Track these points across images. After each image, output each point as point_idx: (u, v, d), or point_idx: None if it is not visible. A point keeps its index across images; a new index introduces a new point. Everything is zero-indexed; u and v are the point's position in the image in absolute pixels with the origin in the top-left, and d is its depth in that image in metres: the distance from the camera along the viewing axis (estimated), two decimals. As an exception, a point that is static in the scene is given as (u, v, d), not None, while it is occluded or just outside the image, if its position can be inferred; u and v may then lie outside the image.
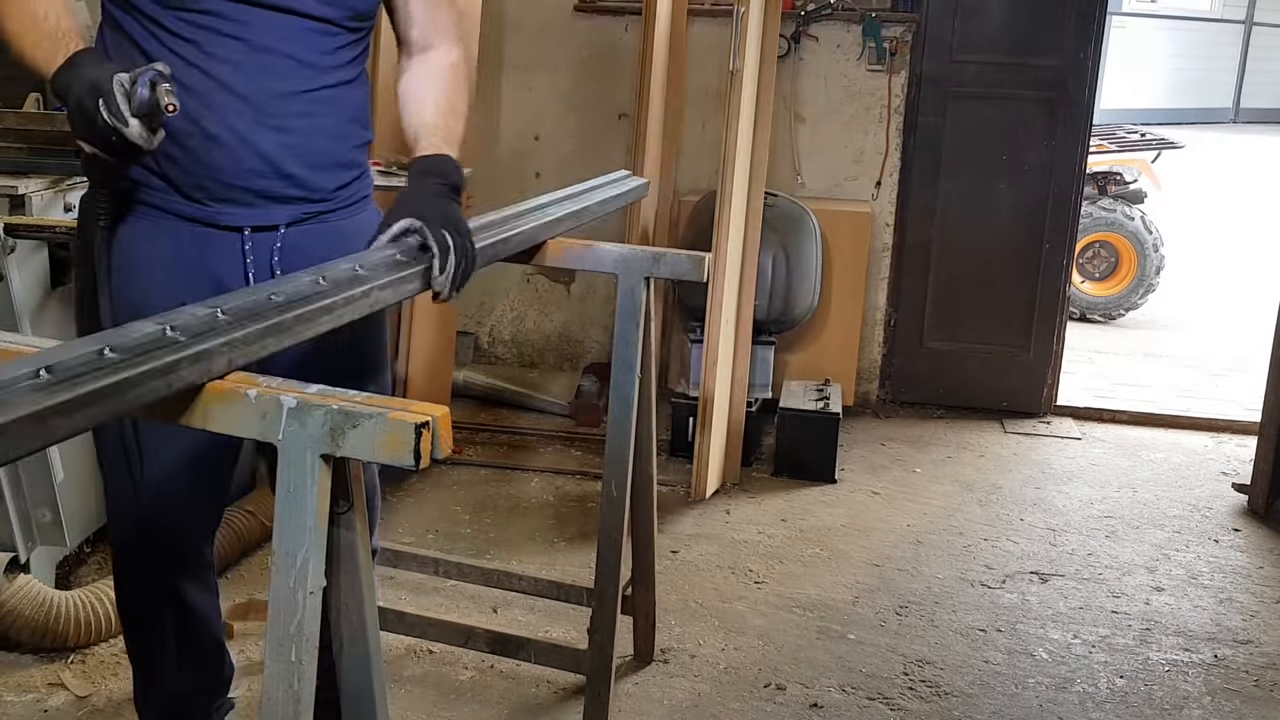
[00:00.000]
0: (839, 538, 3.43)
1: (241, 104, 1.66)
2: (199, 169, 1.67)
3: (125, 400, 1.12)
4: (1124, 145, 6.76)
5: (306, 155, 1.73)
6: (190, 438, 1.61)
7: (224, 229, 1.72)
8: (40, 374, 1.04)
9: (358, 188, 1.85)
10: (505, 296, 4.76)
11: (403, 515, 3.43)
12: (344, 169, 1.80)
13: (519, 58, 4.51)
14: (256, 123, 1.67)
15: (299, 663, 1.25)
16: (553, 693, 2.58)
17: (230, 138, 1.66)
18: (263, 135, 1.68)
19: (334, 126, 1.77)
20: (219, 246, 1.72)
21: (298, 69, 1.70)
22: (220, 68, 1.65)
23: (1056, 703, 2.63)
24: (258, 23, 1.65)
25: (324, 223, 1.79)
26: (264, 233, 1.74)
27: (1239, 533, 3.61)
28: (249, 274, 1.74)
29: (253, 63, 1.66)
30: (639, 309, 2.27)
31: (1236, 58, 17.63)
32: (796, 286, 4.03)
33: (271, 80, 1.68)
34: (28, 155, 2.77)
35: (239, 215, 1.72)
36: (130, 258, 1.71)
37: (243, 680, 2.43)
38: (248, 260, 1.73)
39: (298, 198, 1.74)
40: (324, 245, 1.75)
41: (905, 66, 4.39)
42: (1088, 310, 6.41)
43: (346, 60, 1.77)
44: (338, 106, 1.76)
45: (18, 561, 2.56)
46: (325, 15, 1.70)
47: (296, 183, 1.73)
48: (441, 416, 1.20)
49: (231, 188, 1.69)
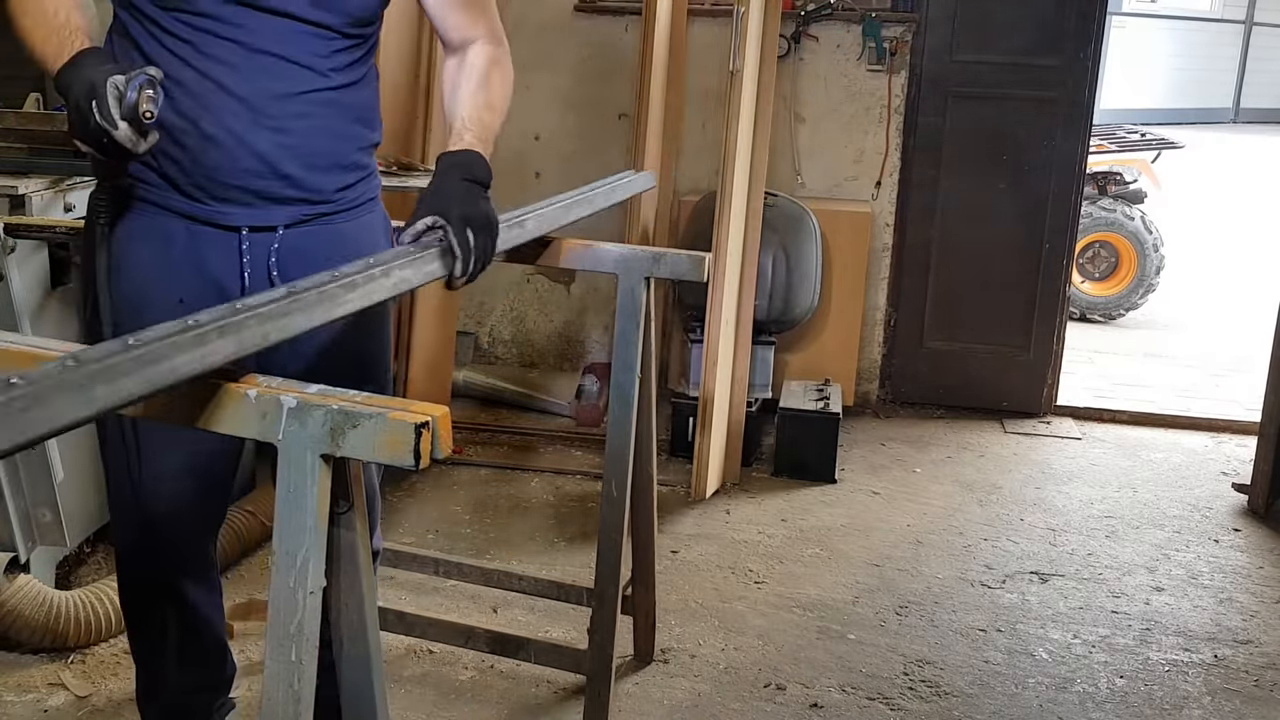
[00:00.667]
0: (839, 538, 3.43)
1: (238, 105, 1.66)
2: (196, 168, 1.68)
3: (159, 372, 1.11)
4: (1124, 145, 6.76)
5: (305, 156, 1.73)
6: (192, 438, 1.61)
7: (222, 228, 1.72)
8: (68, 364, 1.05)
9: (362, 189, 1.85)
10: (505, 296, 4.76)
11: (403, 515, 3.43)
12: (346, 170, 1.80)
13: (519, 58, 4.42)
14: (253, 123, 1.67)
15: (299, 662, 1.25)
16: (553, 693, 2.58)
17: (227, 138, 1.66)
18: (259, 136, 1.68)
19: (335, 128, 1.76)
20: (216, 245, 1.72)
21: (295, 71, 1.70)
22: (217, 69, 1.65)
23: (1056, 703, 2.63)
24: (254, 26, 1.66)
25: (326, 224, 1.79)
26: (262, 233, 1.74)
27: (1239, 533, 3.61)
28: (245, 274, 1.73)
29: (249, 64, 1.66)
30: (639, 309, 2.27)
31: (1236, 58, 17.63)
32: (796, 286, 4.03)
33: (268, 82, 1.68)
34: (28, 155, 2.77)
35: (237, 215, 1.71)
36: (128, 255, 1.71)
37: (243, 680, 2.43)
38: (244, 260, 1.73)
39: (297, 199, 1.74)
40: (325, 247, 1.75)
41: (905, 66, 4.39)
42: (1088, 310, 6.41)
43: (348, 63, 1.76)
44: (339, 108, 1.76)
45: (18, 561, 2.56)
46: (321, 20, 1.70)
47: (295, 183, 1.73)
48: (441, 416, 1.21)
49: (229, 187, 1.69)
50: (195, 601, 1.95)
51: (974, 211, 4.45)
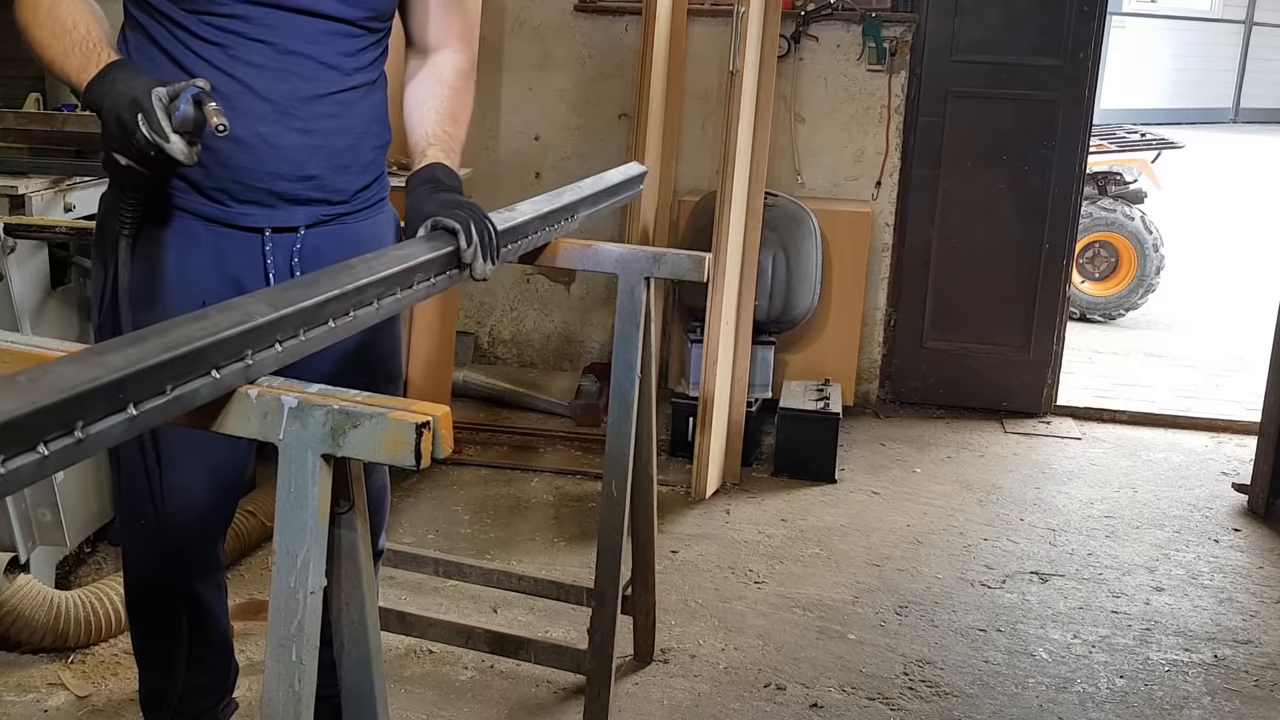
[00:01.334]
0: (839, 538, 3.43)
1: (267, 107, 1.66)
2: (222, 171, 1.67)
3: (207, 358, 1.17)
4: (1124, 145, 6.76)
5: (330, 157, 1.74)
6: (209, 443, 1.61)
7: (244, 230, 1.72)
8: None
9: (376, 190, 1.86)
10: (505, 296, 4.76)
11: (403, 515, 3.43)
12: (364, 171, 1.81)
13: (519, 58, 4.51)
14: (282, 126, 1.68)
15: (299, 662, 1.25)
16: (553, 693, 2.58)
17: (256, 140, 1.66)
18: (288, 138, 1.68)
19: (357, 128, 1.77)
20: (239, 247, 1.72)
21: (323, 71, 1.70)
22: (245, 71, 1.65)
23: (1056, 703, 2.63)
24: (282, 26, 1.66)
25: (342, 225, 1.80)
26: (284, 234, 1.74)
27: (1239, 533, 3.61)
28: (269, 275, 1.74)
29: (278, 65, 1.66)
30: (639, 309, 2.27)
31: (1236, 58, 17.64)
32: (796, 286, 4.03)
33: (297, 83, 1.68)
34: (28, 155, 2.77)
35: (260, 216, 1.72)
36: (150, 258, 1.71)
37: (243, 680, 2.43)
38: (268, 261, 1.74)
39: (318, 200, 1.75)
40: (342, 248, 1.75)
41: (905, 66, 4.39)
42: (1088, 310, 6.41)
43: (368, 62, 1.78)
44: (360, 108, 1.77)
45: (18, 561, 2.56)
46: (347, 16, 1.71)
47: (319, 185, 1.74)
48: (442, 416, 1.21)
49: (255, 190, 1.69)
50: (206, 603, 1.96)
51: (974, 211, 4.45)
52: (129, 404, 1.06)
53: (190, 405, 1.16)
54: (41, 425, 0.96)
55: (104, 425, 1.04)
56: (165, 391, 1.11)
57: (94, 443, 1.03)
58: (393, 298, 1.50)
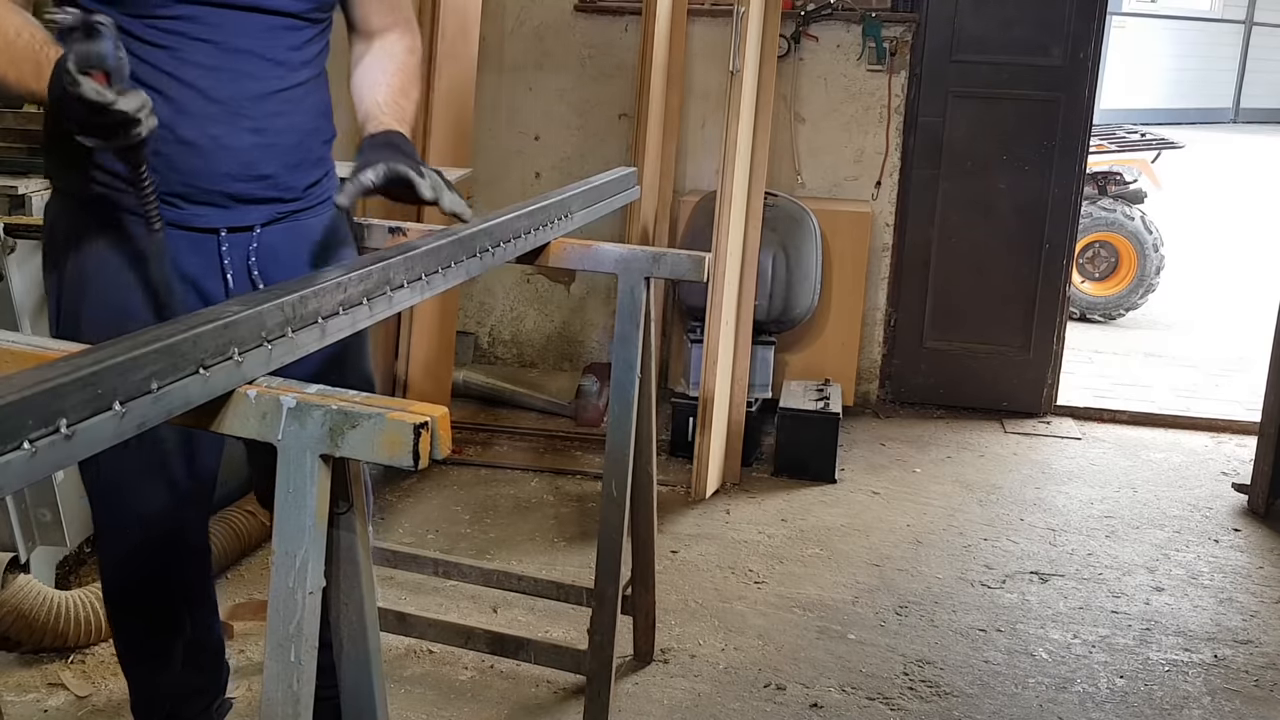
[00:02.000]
0: (839, 538, 3.43)
1: (217, 108, 1.65)
2: (174, 175, 1.65)
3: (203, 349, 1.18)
4: (1124, 145, 6.76)
5: (281, 155, 1.73)
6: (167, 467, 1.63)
7: (199, 231, 1.70)
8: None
9: (326, 185, 1.85)
10: (505, 296, 4.76)
11: (403, 515, 3.43)
12: (314, 166, 1.81)
13: (519, 58, 4.51)
14: (233, 126, 1.66)
15: (299, 663, 1.25)
16: (553, 693, 2.58)
17: (208, 143, 1.65)
18: (240, 138, 1.67)
19: (305, 124, 1.77)
20: (193, 248, 1.71)
21: (270, 68, 1.69)
22: (193, 73, 1.64)
23: (1056, 703, 2.63)
24: (227, 24, 1.64)
25: (295, 221, 1.79)
26: (239, 234, 1.73)
27: (1239, 533, 3.61)
28: (227, 275, 1.73)
29: (225, 65, 1.65)
30: (639, 309, 2.27)
31: (1236, 58, 17.64)
32: (796, 286, 4.03)
33: (246, 82, 1.67)
34: (28, 155, 2.77)
35: (214, 217, 1.70)
36: (100, 264, 1.69)
37: (243, 680, 2.43)
38: (225, 262, 1.73)
39: (272, 198, 1.74)
40: (297, 245, 1.76)
41: (905, 66, 4.39)
42: (1088, 310, 6.41)
43: (312, 56, 1.78)
44: (307, 104, 1.77)
45: (18, 561, 2.56)
46: (291, 9, 1.70)
47: (272, 183, 1.73)
48: (441, 416, 1.21)
49: (208, 192, 1.68)
50: (192, 598, 1.96)
51: (974, 211, 4.45)
52: (114, 401, 1.06)
53: (182, 404, 1.15)
54: (21, 420, 0.97)
55: (92, 423, 1.04)
56: (150, 389, 1.11)
57: (85, 441, 1.04)
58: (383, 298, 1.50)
